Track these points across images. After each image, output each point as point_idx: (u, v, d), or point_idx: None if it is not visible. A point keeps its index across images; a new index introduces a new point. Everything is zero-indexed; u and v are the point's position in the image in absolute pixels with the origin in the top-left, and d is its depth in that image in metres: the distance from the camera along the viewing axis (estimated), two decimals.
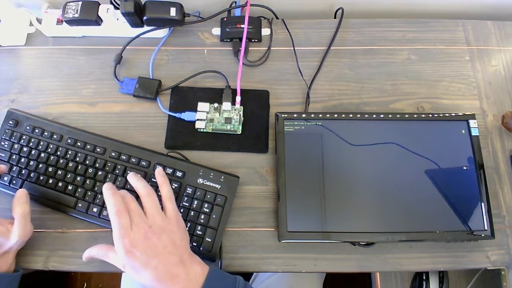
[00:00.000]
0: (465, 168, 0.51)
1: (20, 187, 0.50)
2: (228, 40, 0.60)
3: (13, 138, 0.53)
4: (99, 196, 0.50)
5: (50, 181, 0.51)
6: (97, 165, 0.51)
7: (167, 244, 0.41)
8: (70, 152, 0.52)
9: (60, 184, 0.50)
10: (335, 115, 0.53)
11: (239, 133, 0.54)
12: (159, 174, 0.47)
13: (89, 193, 0.50)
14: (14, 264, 0.46)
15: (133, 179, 0.45)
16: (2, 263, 0.45)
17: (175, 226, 0.43)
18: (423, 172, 0.51)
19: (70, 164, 0.51)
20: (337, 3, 0.64)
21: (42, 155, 0.52)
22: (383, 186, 0.50)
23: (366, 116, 0.53)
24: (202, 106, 0.55)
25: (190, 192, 0.50)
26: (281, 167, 0.51)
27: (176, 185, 0.50)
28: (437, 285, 0.72)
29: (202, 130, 0.54)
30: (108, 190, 0.42)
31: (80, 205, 0.50)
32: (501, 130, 0.57)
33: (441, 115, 0.53)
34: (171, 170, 0.51)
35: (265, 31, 0.62)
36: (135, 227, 0.40)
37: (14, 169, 0.51)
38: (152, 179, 0.50)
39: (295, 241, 0.49)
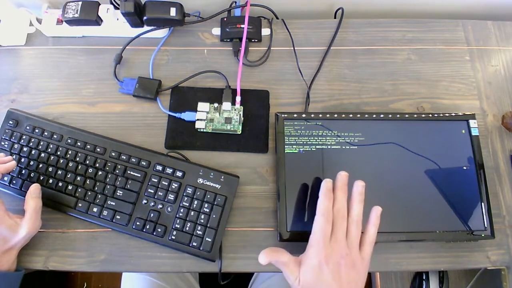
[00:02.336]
0: (465, 168, 0.51)
1: (20, 187, 0.50)
2: (228, 40, 0.60)
3: (13, 138, 0.53)
4: (99, 196, 0.50)
5: (50, 181, 0.51)
6: (97, 165, 0.51)
7: (351, 282, 0.39)
8: (70, 152, 0.52)
9: (60, 184, 0.50)
10: (335, 115, 0.53)
11: (239, 133, 0.54)
12: (374, 216, 0.43)
13: (89, 193, 0.50)
14: (15, 263, 0.46)
15: (356, 198, 0.43)
16: (4, 261, 0.45)
17: (362, 269, 0.41)
18: (423, 172, 0.51)
19: (70, 164, 0.51)
20: (337, 3, 0.64)
21: (42, 155, 0.52)
22: (383, 186, 0.50)
23: (366, 116, 0.53)
24: (202, 106, 0.55)
25: (190, 192, 0.50)
26: (281, 167, 0.51)
27: (176, 185, 0.50)
28: (437, 285, 0.72)
29: (202, 130, 0.54)
30: (325, 190, 0.42)
31: (80, 205, 0.50)
32: (501, 130, 0.57)
33: (441, 115, 0.53)
34: (171, 170, 0.51)
35: (265, 31, 0.62)
36: (335, 243, 0.39)
37: (14, 169, 0.51)
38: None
39: (295, 241, 0.49)
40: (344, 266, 0.39)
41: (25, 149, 0.52)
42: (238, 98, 0.55)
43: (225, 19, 0.61)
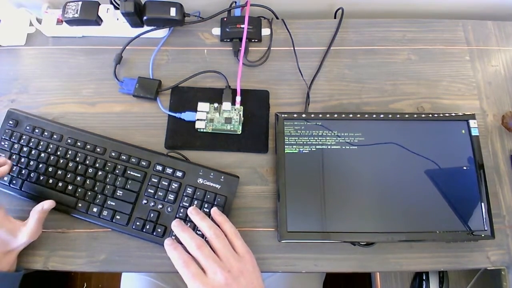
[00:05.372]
0: (465, 168, 0.51)
1: (20, 187, 0.50)
2: (228, 40, 0.60)
3: (13, 138, 0.53)
4: (99, 196, 0.50)
5: (50, 181, 0.51)
6: (97, 165, 0.51)
7: (249, 284, 0.40)
8: (70, 152, 0.52)
9: (60, 184, 0.50)
10: (335, 115, 0.53)
11: (239, 133, 0.54)
12: (216, 214, 0.46)
13: (89, 193, 0.50)
14: (15, 264, 0.47)
15: (196, 218, 0.45)
16: (5, 263, 0.45)
17: (250, 264, 0.42)
18: (423, 172, 0.51)
19: (70, 164, 0.51)
20: (337, 3, 0.64)
21: (42, 155, 0.52)
22: (383, 186, 0.50)
23: (366, 116, 0.53)
24: (202, 106, 0.55)
25: (190, 192, 0.50)
26: (281, 167, 0.51)
27: (176, 185, 0.50)
28: (437, 285, 0.72)
29: (202, 130, 0.54)
30: (168, 246, 0.42)
31: (80, 205, 0.50)
32: (501, 130, 0.57)
33: (441, 115, 0.53)
34: (171, 170, 0.51)
35: (265, 31, 0.62)
36: (212, 274, 0.39)
37: (14, 169, 0.51)
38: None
39: (295, 241, 0.49)
40: (233, 283, 0.39)
41: (25, 149, 0.52)
42: (238, 98, 0.55)
43: (225, 19, 0.61)
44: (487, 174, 0.52)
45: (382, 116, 0.53)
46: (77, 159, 0.51)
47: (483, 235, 0.49)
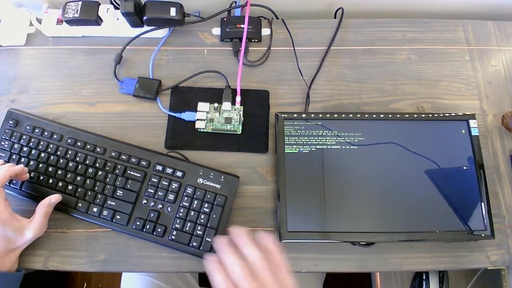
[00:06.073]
0: (465, 168, 0.51)
1: (20, 187, 0.50)
2: (228, 40, 0.60)
3: (13, 138, 0.53)
4: (99, 196, 0.50)
5: (50, 181, 0.51)
6: (97, 165, 0.51)
7: None
8: (70, 152, 0.52)
9: (60, 184, 0.50)
10: (335, 115, 0.53)
11: (239, 133, 0.54)
12: (267, 239, 0.40)
13: (89, 193, 0.50)
14: (16, 263, 0.47)
15: (245, 241, 0.40)
16: (7, 262, 0.45)
17: None
18: (423, 172, 0.51)
19: (70, 164, 0.51)
20: (337, 3, 0.64)
21: (42, 155, 0.52)
22: (383, 186, 0.50)
23: (366, 116, 0.53)
24: (202, 106, 0.55)
25: (190, 192, 0.50)
26: (281, 167, 0.51)
27: (176, 185, 0.50)
28: (437, 285, 0.72)
29: (202, 130, 0.54)
30: (212, 265, 0.39)
31: (80, 205, 0.50)
32: (501, 130, 0.57)
33: (441, 115, 0.53)
34: (171, 170, 0.51)
35: (265, 31, 0.62)
36: None
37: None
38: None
39: (295, 241, 0.49)
40: None
41: (25, 149, 0.52)
42: (238, 98, 0.55)
43: (225, 19, 0.61)
44: (487, 174, 0.52)
45: (382, 116, 0.53)
46: (77, 159, 0.51)
47: (483, 235, 0.49)
